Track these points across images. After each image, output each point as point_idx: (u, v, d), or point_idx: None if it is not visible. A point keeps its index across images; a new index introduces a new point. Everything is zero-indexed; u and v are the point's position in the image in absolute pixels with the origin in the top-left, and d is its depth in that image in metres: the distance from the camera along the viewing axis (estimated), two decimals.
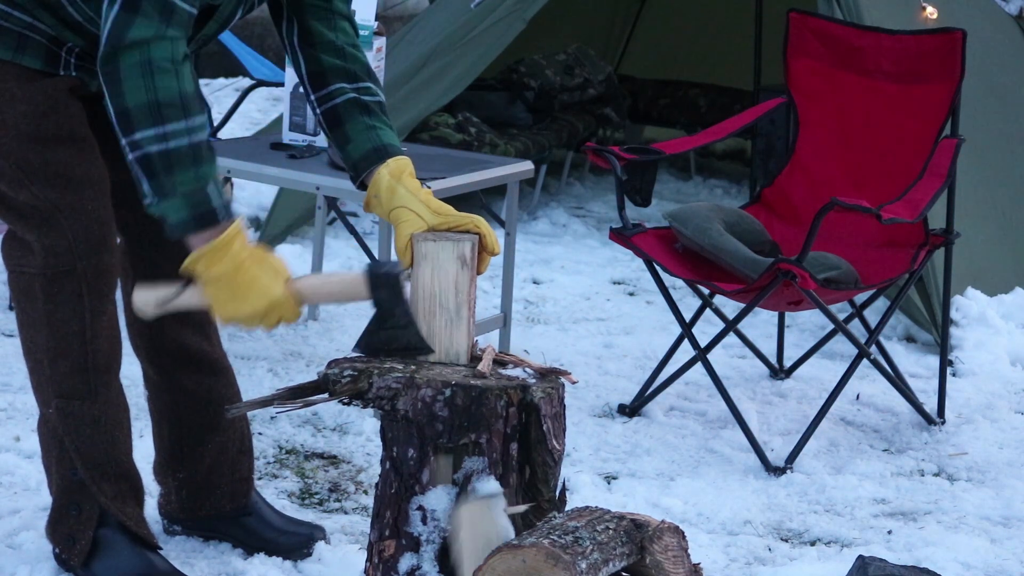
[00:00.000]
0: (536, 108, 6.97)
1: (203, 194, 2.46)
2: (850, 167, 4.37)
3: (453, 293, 2.54)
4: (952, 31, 4.22)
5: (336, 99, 2.76)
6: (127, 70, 2.43)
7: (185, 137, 2.45)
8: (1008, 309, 4.97)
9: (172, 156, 2.44)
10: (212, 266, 2.46)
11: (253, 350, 4.49)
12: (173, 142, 2.44)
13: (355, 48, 2.81)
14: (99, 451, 2.85)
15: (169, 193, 2.45)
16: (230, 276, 2.46)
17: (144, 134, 2.44)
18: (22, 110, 2.71)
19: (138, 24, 2.43)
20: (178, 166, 2.44)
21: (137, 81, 2.43)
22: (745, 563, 3.27)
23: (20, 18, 2.70)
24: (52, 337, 2.79)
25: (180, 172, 2.44)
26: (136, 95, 2.43)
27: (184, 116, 2.45)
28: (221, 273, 2.46)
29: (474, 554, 2.36)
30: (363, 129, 2.73)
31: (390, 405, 2.43)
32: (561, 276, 5.66)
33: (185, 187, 2.45)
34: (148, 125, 2.43)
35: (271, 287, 2.47)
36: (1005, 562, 3.32)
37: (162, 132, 2.43)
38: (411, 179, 2.69)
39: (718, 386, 3.93)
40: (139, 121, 2.44)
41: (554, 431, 2.46)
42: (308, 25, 2.79)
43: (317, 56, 2.79)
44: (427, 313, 2.53)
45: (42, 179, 2.73)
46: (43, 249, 2.74)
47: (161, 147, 2.44)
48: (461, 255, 2.54)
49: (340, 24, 2.81)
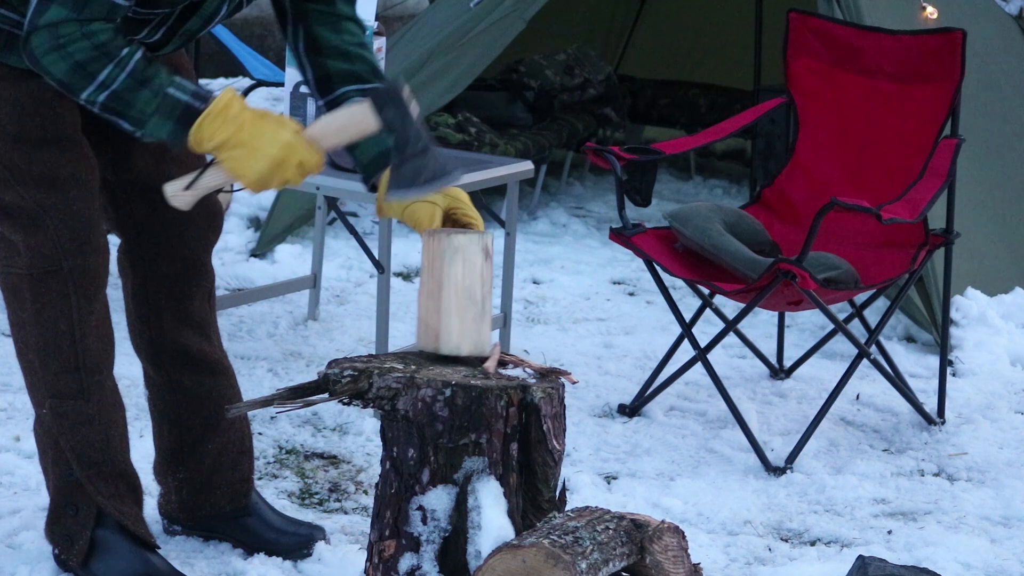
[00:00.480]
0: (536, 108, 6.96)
1: (169, 99, 2.51)
2: (850, 167, 4.37)
3: (479, 286, 2.53)
4: (952, 31, 4.22)
5: (341, 104, 2.74)
6: (39, 50, 2.50)
7: (120, 73, 2.50)
8: (1008, 309, 4.97)
9: (121, 94, 2.50)
10: (216, 133, 2.50)
11: (253, 350, 4.49)
12: (114, 84, 2.50)
13: (361, 48, 2.79)
14: (94, 450, 2.85)
15: (144, 120, 2.52)
16: (235, 135, 2.50)
17: (87, 93, 2.51)
18: (7, 111, 2.72)
19: (51, 11, 2.48)
20: (132, 97, 2.50)
21: (52, 56, 2.49)
22: (745, 563, 3.27)
23: (7, 16, 2.69)
24: (41, 337, 2.79)
25: (136, 99, 2.51)
26: (58, 66, 2.50)
27: (108, 60, 2.49)
28: (226, 136, 2.50)
29: None
30: None
31: (390, 405, 2.43)
32: (561, 276, 5.65)
33: (150, 106, 2.51)
34: (85, 85, 2.50)
35: (279, 132, 2.50)
36: (1005, 562, 3.32)
37: (99, 83, 2.50)
38: None
39: (718, 386, 3.93)
40: (76, 85, 2.51)
41: (554, 431, 2.46)
42: (313, 31, 2.78)
43: (323, 62, 2.77)
44: (460, 308, 2.52)
45: (28, 180, 2.73)
46: (29, 249, 2.75)
47: (107, 93, 2.50)
48: (485, 248, 2.54)
49: (345, 26, 2.80)
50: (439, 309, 2.53)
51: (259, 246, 5.61)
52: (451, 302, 2.51)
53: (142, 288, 2.99)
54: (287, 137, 2.50)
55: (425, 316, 2.56)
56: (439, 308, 2.53)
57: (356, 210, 6.30)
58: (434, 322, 2.54)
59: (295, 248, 5.63)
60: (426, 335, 2.56)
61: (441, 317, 2.53)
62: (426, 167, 2.51)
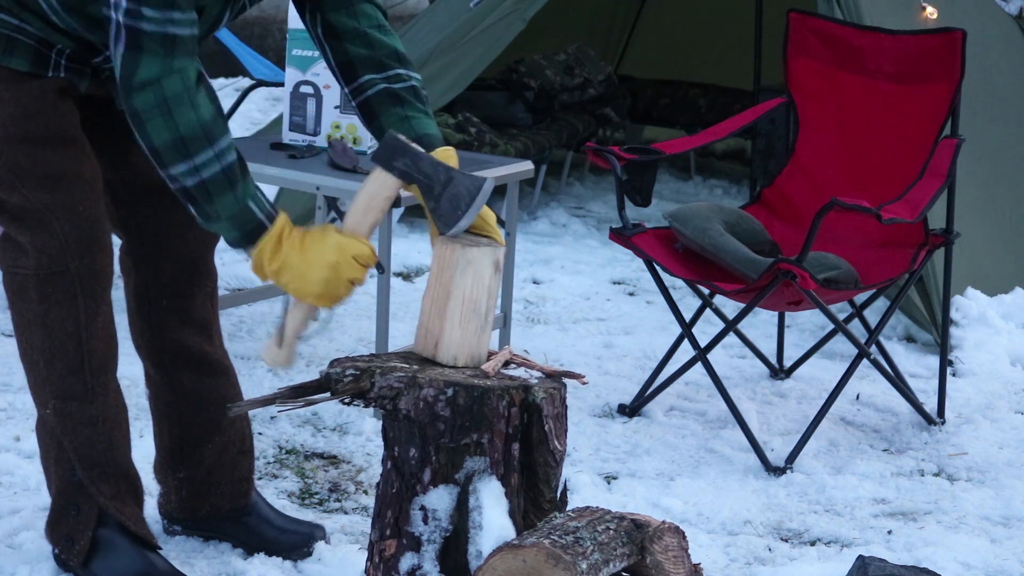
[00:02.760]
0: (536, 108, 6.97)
1: (247, 212, 2.53)
2: (850, 167, 4.37)
3: (486, 298, 2.53)
4: (952, 31, 4.23)
5: (367, 91, 2.74)
6: (145, 112, 2.48)
7: (216, 164, 2.50)
8: (1008, 309, 4.97)
9: (208, 185, 2.50)
10: (271, 262, 2.53)
11: (253, 350, 4.49)
12: (206, 172, 2.50)
13: (380, 30, 2.78)
14: (97, 451, 2.85)
15: (215, 218, 2.53)
16: (297, 256, 2.52)
17: (177, 169, 2.50)
18: (10, 112, 2.71)
19: (145, 63, 2.46)
20: (216, 193, 2.51)
21: (157, 121, 2.47)
22: (745, 563, 3.27)
23: (7, 20, 2.69)
24: (47, 338, 2.79)
25: (219, 198, 2.51)
26: (159, 134, 2.48)
27: (209, 144, 2.49)
28: (286, 263, 2.53)
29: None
30: (397, 121, 2.71)
31: (392, 405, 2.43)
32: (561, 276, 5.66)
33: (228, 211, 2.52)
34: (178, 160, 2.49)
35: (324, 253, 2.51)
36: (1005, 562, 3.32)
37: (192, 165, 2.49)
38: None
39: (718, 386, 3.93)
40: (169, 158, 2.49)
41: (556, 432, 2.46)
42: (329, 17, 2.76)
43: (344, 47, 2.76)
44: (463, 319, 2.52)
45: (32, 180, 2.72)
46: (35, 250, 2.74)
47: (196, 179, 2.50)
48: (496, 261, 2.54)
49: (361, 9, 2.77)
50: (442, 317, 2.53)
51: None
52: (456, 313, 2.52)
53: (144, 288, 2.99)
54: (331, 257, 2.52)
55: (427, 321, 2.55)
56: (442, 316, 2.53)
57: None
58: (435, 329, 2.54)
59: None
60: (425, 340, 2.56)
61: (444, 326, 2.53)
62: (460, 193, 2.53)
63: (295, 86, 4.26)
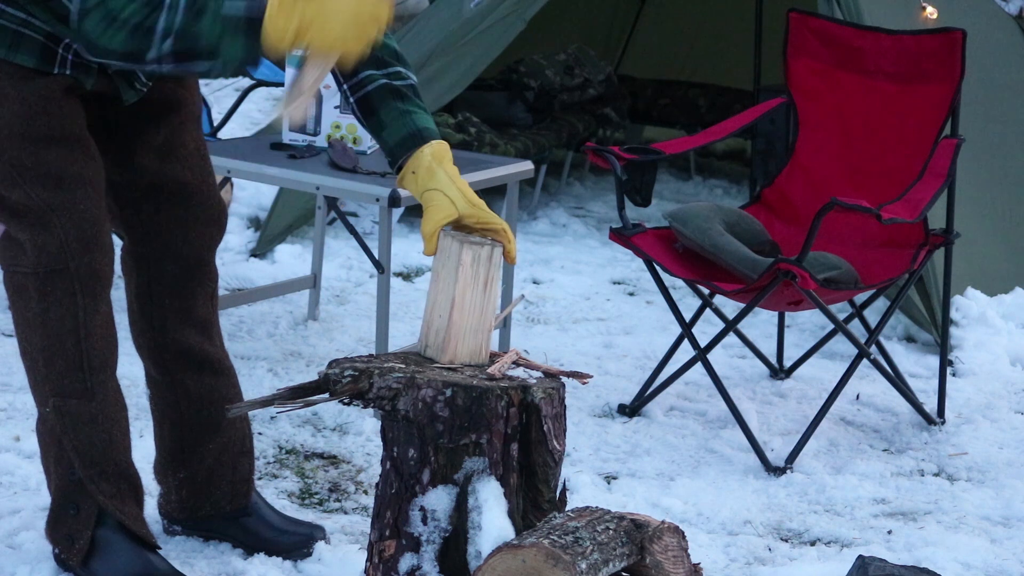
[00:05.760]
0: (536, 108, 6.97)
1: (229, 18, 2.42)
2: (850, 167, 4.37)
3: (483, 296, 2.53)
4: (952, 31, 4.23)
5: (367, 87, 2.73)
6: (95, 31, 2.44)
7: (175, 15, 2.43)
8: (1008, 309, 4.97)
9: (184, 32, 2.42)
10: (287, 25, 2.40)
11: (253, 350, 4.49)
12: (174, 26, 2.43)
13: None
14: (97, 450, 2.85)
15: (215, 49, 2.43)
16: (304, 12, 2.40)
17: (154, 50, 2.44)
18: (15, 109, 2.71)
19: None
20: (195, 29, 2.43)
21: (108, 31, 2.43)
22: (745, 563, 3.27)
23: (14, 14, 2.69)
24: (46, 336, 2.79)
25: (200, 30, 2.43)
26: (116, 39, 2.44)
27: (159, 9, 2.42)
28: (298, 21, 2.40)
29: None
30: (398, 115, 2.71)
31: (391, 405, 2.43)
32: (561, 276, 5.66)
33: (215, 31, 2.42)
34: (149, 42, 2.43)
35: None
36: (1005, 562, 3.32)
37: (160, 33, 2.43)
38: (451, 165, 2.68)
39: (718, 386, 3.93)
40: (140, 47, 2.44)
41: (555, 431, 2.46)
42: None
43: None
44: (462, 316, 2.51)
45: (35, 178, 2.73)
46: (35, 248, 2.75)
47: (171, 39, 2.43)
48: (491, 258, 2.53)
49: None
50: (442, 314, 2.53)
51: (259, 246, 5.62)
52: (452, 309, 2.52)
53: (146, 288, 3.00)
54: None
55: (428, 317, 2.56)
56: (442, 313, 2.53)
57: (356, 210, 6.31)
58: (435, 325, 2.54)
59: (295, 248, 5.63)
60: (426, 336, 2.57)
61: (443, 322, 2.53)
62: None
63: None
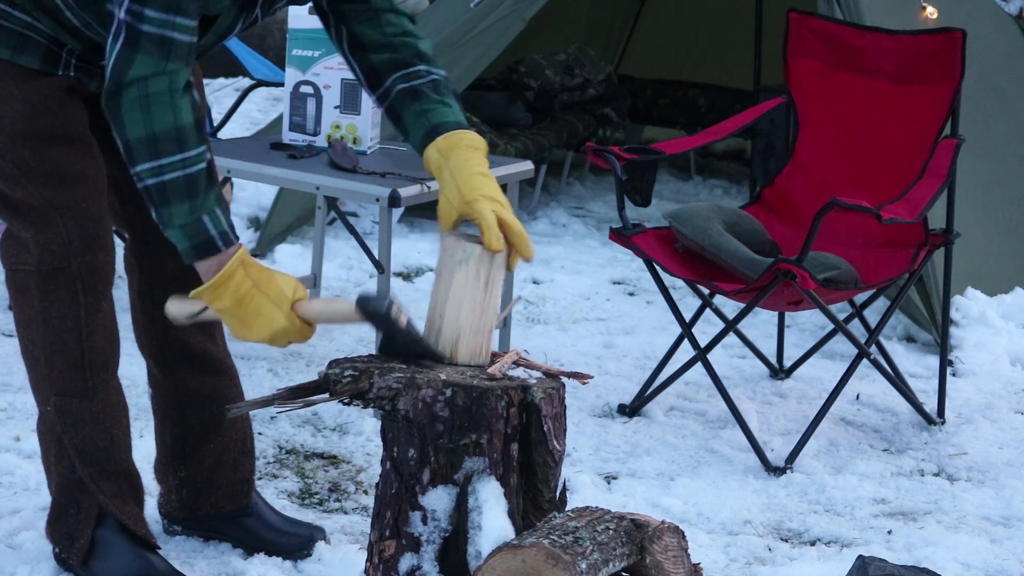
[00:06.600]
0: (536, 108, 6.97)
1: (199, 224, 2.51)
2: (850, 167, 4.37)
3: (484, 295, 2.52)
4: (952, 31, 4.23)
5: (391, 95, 2.74)
6: (127, 105, 2.49)
7: (180, 170, 2.50)
8: (1008, 309, 4.97)
9: (167, 188, 2.50)
10: (215, 301, 2.52)
11: (253, 350, 4.49)
12: (167, 175, 2.50)
13: (404, 36, 2.77)
14: (97, 449, 2.85)
15: (168, 224, 2.52)
16: (233, 310, 2.52)
17: (143, 167, 2.50)
18: (18, 109, 2.72)
19: (139, 61, 2.48)
20: (174, 199, 2.50)
21: (135, 115, 2.49)
22: (745, 563, 3.27)
23: (20, 18, 2.71)
24: (48, 334, 2.79)
25: (176, 204, 2.51)
26: (135, 128, 2.49)
27: (179, 149, 2.49)
28: (225, 307, 2.52)
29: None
30: (415, 117, 2.71)
31: (391, 405, 2.43)
32: (561, 276, 5.66)
33: (181, 219, 2.51)
34: (145, 159, 2.50)
35: (273, 318, 2.51)
36: (1005, 562, 3.32)
37: (157, 165, 2.49)
38: (462, 152, 2.65)
39: (718, 386, 3.93)
40: (138, 154, 2.50)
41: (555, 431, 2.46)
42: (355, 30, 2.77)
43: (367, 56, 2.77)
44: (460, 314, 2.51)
45: (37, 177, 2.74)
46: (38, 247, 2.76)
47: (156, 180, 2.50)
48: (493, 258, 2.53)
49: (384, 19, 2.78)
50: (443, 312, 2.53)
51: (259, 246, 5.61)
52: (453, 308, 2.52)
53: (148, 287, 3.00)
54: (279, 325, 2.51)
55: (430, 315, 2.56)
56: (443, 311, 2.53)
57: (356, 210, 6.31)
58: (437, 323, 2.54)
59: (295, 248, 5.63)
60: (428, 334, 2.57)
61: (444, 321, 2.53)
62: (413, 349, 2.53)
63: (295, 86, 4.26)
